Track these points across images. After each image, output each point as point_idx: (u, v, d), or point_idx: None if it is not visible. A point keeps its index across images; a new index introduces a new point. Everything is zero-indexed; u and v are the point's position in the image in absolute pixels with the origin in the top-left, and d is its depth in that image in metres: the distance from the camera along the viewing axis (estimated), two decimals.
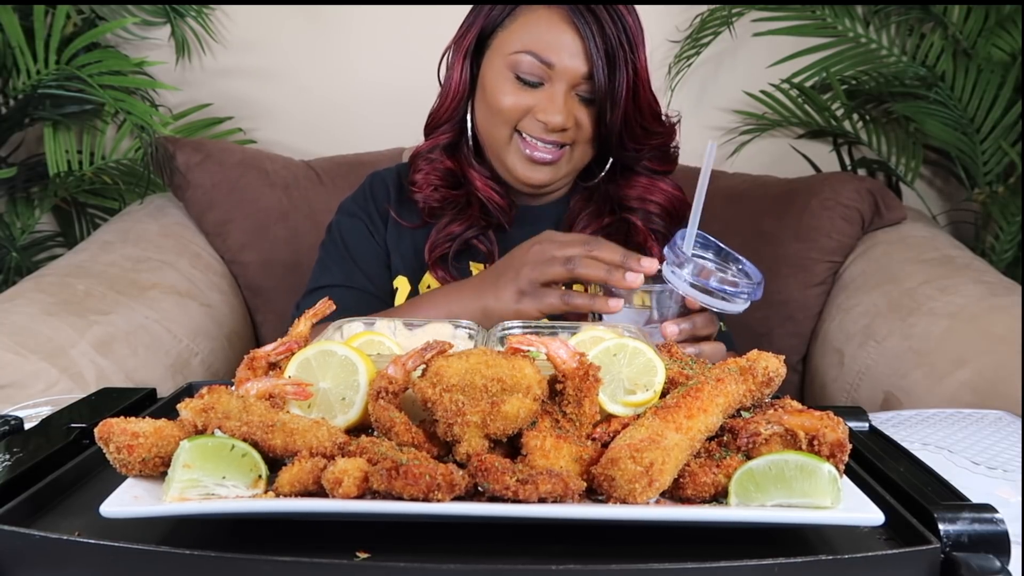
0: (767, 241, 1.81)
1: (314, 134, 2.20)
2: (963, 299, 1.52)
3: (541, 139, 1.21)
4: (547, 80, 1.19)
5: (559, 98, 1.18)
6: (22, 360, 1.35)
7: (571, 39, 1.17)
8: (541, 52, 1.18)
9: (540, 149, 1.22)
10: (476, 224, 1.29)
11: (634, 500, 0.62)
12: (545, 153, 1.22)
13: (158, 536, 0.63)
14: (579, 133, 1.22)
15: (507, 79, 1.21)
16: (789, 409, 0.71)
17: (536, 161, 1.23)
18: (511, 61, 1.20)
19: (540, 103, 1.19)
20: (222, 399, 0.69)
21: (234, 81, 2.21)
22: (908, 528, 0.64)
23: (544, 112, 1.19)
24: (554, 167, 1.24)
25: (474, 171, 1.30)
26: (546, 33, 1.18)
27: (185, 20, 2.13)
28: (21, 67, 2.02)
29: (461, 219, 1.29)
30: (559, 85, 1.19)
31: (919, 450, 0.88)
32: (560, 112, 1.18)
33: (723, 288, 0.98)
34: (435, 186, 1.30)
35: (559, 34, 1.17)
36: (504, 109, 1.21)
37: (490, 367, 0.69)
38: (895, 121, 2.21)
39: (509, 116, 1.21)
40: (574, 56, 1.17)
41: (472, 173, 1.30)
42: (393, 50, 2.19)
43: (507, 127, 1.23)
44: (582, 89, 1.20)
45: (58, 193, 2.17)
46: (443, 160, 1.30)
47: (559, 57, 1.17)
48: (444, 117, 1.30)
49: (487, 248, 1.31)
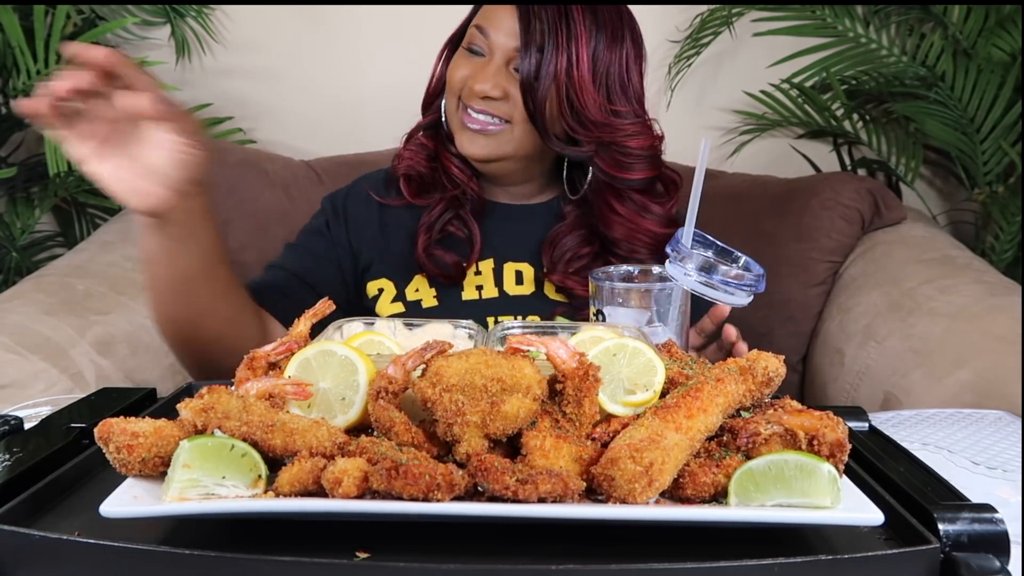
0: (767, 241, 1.81)
1: (314, 134, 2.20)
2: (963, 299, 1.52)
3: (474, 108, 1.26)
4: (487, 52, 1.26)
5: (491, 68, 1.25)
6: (22, 360, 1.36)
7: (511, 17, 1.24)
8: (485, 24, 1.26)
9: (472, 119, 1.27)
10: (452, 205, 1.34)
11: (634, 500, 0.62)
12: (476, 123, 1.27)
13: (158, 536, 0.63)
14: (514, 109, 1.25)
15: (460, 53, 1.30)
16: (789, 409, 0.71)
17: (471, 130, 1.27)
18: (467, 37, 1.29)
19: (474, 70, 1.26)
20: (222, 399, 0.69)
21: (234, 81, 2.21)
22: (908, 528, 0.64)
23: (474, 79, 1.25)
24: (490, 140, 1.27)
25: (445, 150, 1.36)
26: (496, 10, 1.26)
27: (185, 20, 2.13)
28: (21, 67, 2.01)
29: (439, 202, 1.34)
30: (496, 56, 1.25)
31: (919, 450, 0.88)
32: (488, 79, 1.24)
33: (727, 282, 0.99)
34: (417, 159, 1.37)
35: (505, 11, 1.25)
36: (452, 80, 1.29)
37: (490, 367, 0.69)
38: (895, 121, 2.21)
39: (455, 85, 1.28)
40: (510, 32, 1.24)
41: (443, 151, 1.36)
42: (393, 50, 2.19)
43: (454, 97, 1.29)
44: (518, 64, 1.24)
45: (58, 193, 2.17)
46: (426, 140, 1.38)
47: (497, 30, 1.25)
48: (427, 101, 1.39)
49: (466, 234, 1.33)
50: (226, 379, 0.77)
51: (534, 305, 1.32)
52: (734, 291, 0.99)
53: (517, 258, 1.35)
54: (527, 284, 1.33)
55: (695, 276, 0.99)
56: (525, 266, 1.34)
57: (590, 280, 1.07)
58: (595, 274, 1.07)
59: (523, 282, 1.33)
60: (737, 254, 1.04)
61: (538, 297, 1.32)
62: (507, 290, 1.33)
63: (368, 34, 2.19)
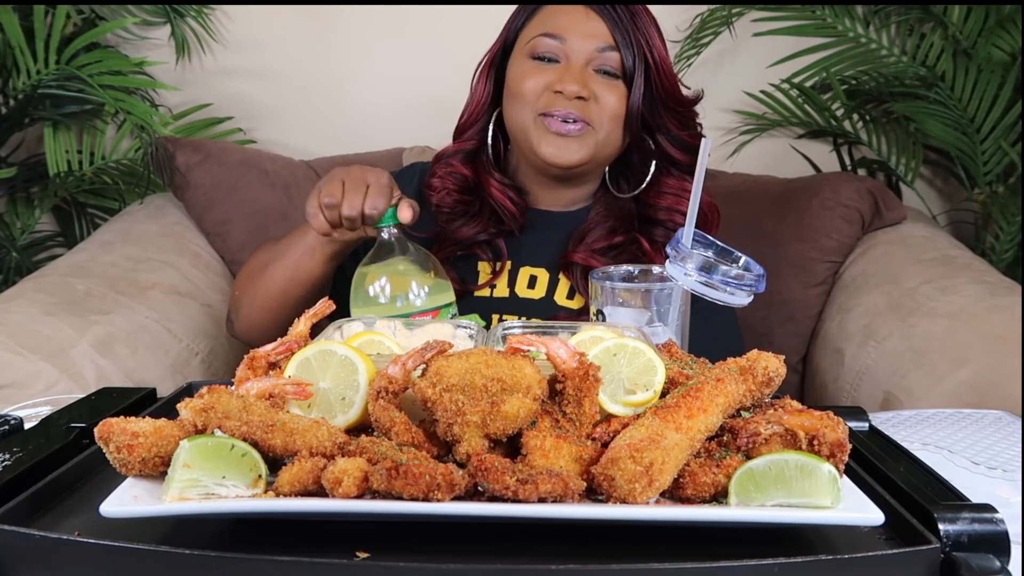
0: (767, 241, 1.81)
1: (314, 134, 2.20)
2: (963, 299, 1.52)
3: (561, 112, 1.23)
4: (563, 57, 1.25)
5: (574, 68, 1.24)
6: (22, 360, 1.35)
7: (585, 16, 1.24)
8: (555, 30, 1.25)
9: (561, 125, 1.24)
10: (486, 230, 1.32)
11: (634, 500, 0.62)
12: (567, 127, 1.24)
13: (158, 536, 0.63)
14: (599, 109, 1.24)
15: (527, 63, 1.27)
16: (789, 409, 0.71)
17: (561, 134, 1.24)
18: (529, 48, 1.26)
19: (557, 75, 1.24)
20: (222, 399, 0.69)
21: (234, 81, 2.20)
22: (908, 528, 0.64)
23: (560, 82, 1.23)
24: (580, 145, 1.25)
25: (491, 178, 1.33)
26: (560, 16, 1.25)
27: (185, 20, 2.13)
28: (21, 67, 2.02)
29: (472, 224, 1.32)
30: (575, 58, 1.24)
31: (919, 450, 0.88)
32: (575, 80, 1.22)
33: (727, 282, 0.99)
34: (449, 190, 1.33)
35: (574, 12, 1.25)
36: (525, 90, 1.25)
37: (490, 367, 0.69)
38: (895, 121, 2.21)
39: (530, 95, 1.25)
40: (587, 32, 1.24)
41: (489, 180, 1.33)
42: (393, 50, 2.19)
43: (530, 110, 1.25)
44: (600, 63, 1.24)
45: (58, 193, 2.17)
46: (460, 167, 1.34)
47: (572, 33, 1.24)
48: (469, 123, 1.35)
49: (493, 254, 1.33)
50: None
51: (540, 309, 1.31)
52: (734, 291, 0.99)
53: (535, 263, 1.34)
54: (539, 288, 1.33)
55: (695, 276, 0.99)
56: (541, 271, 1.33)
57: (590, 280, 1.07)
58: (595, 274, 1.07)
59: (535, 286, 1.33)
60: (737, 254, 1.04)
61: (546, 303, 1.32)
62: (518, 291, 1.32)
63: (368, 34, 2.19)
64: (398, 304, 1.08)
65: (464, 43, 1.36)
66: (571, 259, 1.30)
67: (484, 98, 1.33)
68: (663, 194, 1.32)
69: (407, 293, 1.09)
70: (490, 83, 1.33)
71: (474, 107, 1.34)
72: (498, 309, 1.30)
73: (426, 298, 1.09)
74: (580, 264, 1.29)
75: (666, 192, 1.32)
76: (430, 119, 1.40)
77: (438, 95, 1.41)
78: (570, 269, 1.31)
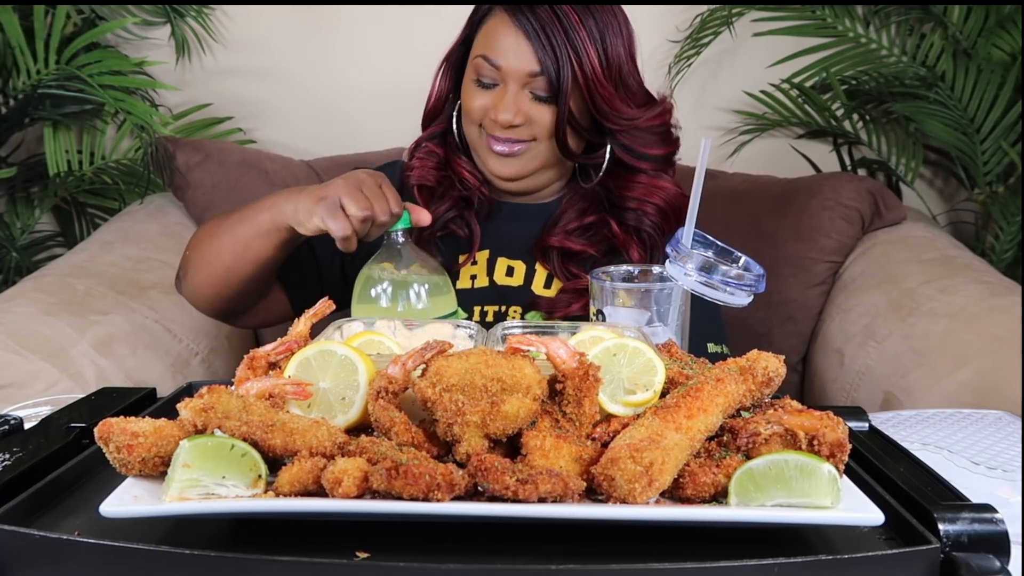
0: (767, 241, 1.81)
1: (314, 134, 2.20)
2: (963, 299, 1.52)
3: (500, 135, 1.29)
4: (500, 81, 1.28)
5: (509, 97, 1.26)
6: (22, 360, 1.36)
7: (515, 40, 1.25)
8: (491, 55, 1.27)
9: (499, 143, 1.30)
10: (456, 206, 1.36)
11: (634, 500, 0.62)
12: (503, 146, 1.30)
13: (158, 536, 0.63)
14: (537, 129, 1.28)
15: (471, 83, 1.31)
16: (789, 409, 0.71)
17: (499, 154, 1.30)
18: (473, 66, 1.30)
19: (493, 102, 1.28)
20: (222, 399, 0.69)
21: (234, 81, 2.20)
22: (908, 528, 0.64)
23: (495, 110, 1.27)
24: (519, 160, 1.31)
25: (457, 157, 1.38)
26: (497, 38, 1.27)
27: (185, 20, 2.13)
28: (21, 67, 2.02)
29: (445, 200, 1.36)
30: (510, 85, 1.27)
31: (919, 450, 0.88)
32: (508, 110, 1.26)
33: (727, 282, 0.99)
34: (427, 167, 1.38)
35: (506, 37, 1.26)
36: (469, 110, 1.31)
37: (490, 367, 0.69)
38: (895, 121, 2.21)
39: (475, 115, 1.30)
40: (518, 57, 1.25)
41: (455, 158, 1.38)
42: (393, 50, 2.19)
43: (475, 126, 1.32)
44: (533, 87, 1.26)
45: (58, 193, 2.17)
46: (435, 148, 1.39)
47: (505, 58, 1.26)
48: (432, 114, 1.41)
49: (467, 233, 1.36)
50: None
51: (519, 295, 1.34)
52: (734, 291, 0.99)
53: (512, 255, 1.37)
54: (516, 278, 1.36)
55: (695, 276, 0.99)
56: (518, 263, 1.36)
57: (590, 280, 1.07)
58: (595, 274, 1.07)
59: (513, 275, 1.36)
60: (737, 254, 1.04)
61: (524, 290, 1.35)
62: (496, 279, 1.36)
63: (369, 34, 2.19)
64: (400, 309, 1.08)
65: None
66: (547, 243, 1.33)
67: (443, 94, 1.38)
68: (632, 186, 1.34)
69: (412, 300, 1.09)
70: (448, 80, 1.37)
71: (433, 102, 1.39)
72: (481, 300, 1.33)
73: (430, 306, 1.09)
74: (556, 247, 1.33)
75: (635, 184, 1.34)
76: None
77: None
78: (546, 255, 1.34)
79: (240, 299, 1.29)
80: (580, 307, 1.28)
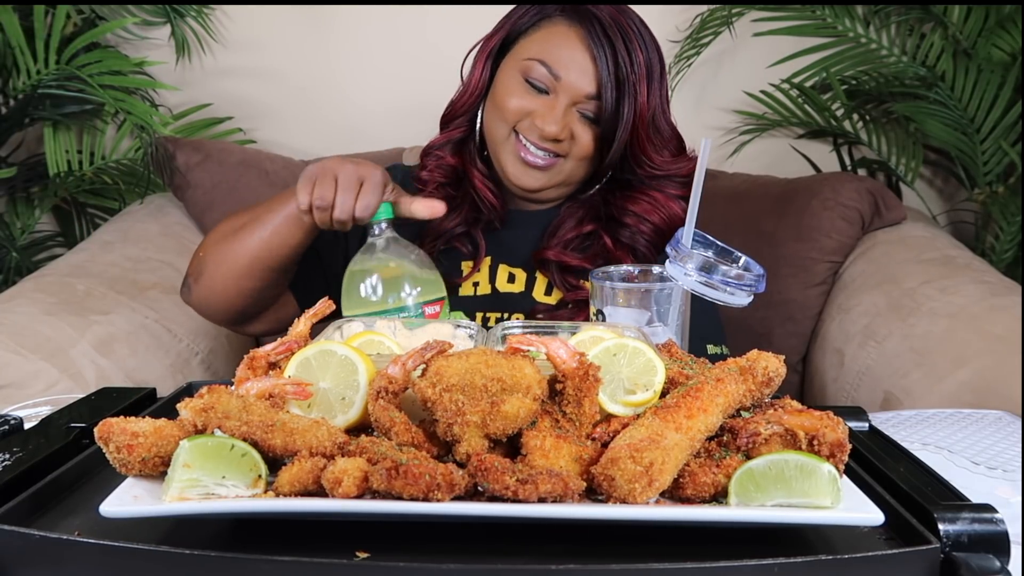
0: (767, 241, 1.81)
1: (314, 134, 2.20)
2: (963, 299, 1.52)
3: (535, 144, 1.25)
4: (552, 90, 1.24)
5: (559, 109, 1.23)
6: (22, 360, 1.36)
7: (583, 58, 1.22)
8: (552, 63, 1.23)
9: (532, 154, 1.26)
10: (465, 222, 1.33)
11: (634, 500, 0.62)
12: (536, 158, 1.26)
13: (158, 536, 0.63)
14: (574, 148, 1.26)
15: (517, 81, 1.26)
16: (789, 409, 0.71)
17: (527, 164, 1.27)
18: (524, 66, 1.25)
19: (540, 109, 1.24)
20: (222, 399, 0.69)
21: (234, 81, 2.21)
22: (908, 528, 0.64)
23: (542, 119, 1.23)
24: (545, 174, 1.28)
25: (475, 169, 1.34)
26: (562, 48, 1.23)
27: (185, 20, 2.13)
28: (21, 67, 2.02)
29: (454, 216, 1.33)
30: (562, 97, 1.23)
31: (919, 450, 0.88)
32: (557, 123, 1.23)
33: (727, 282, 0.99)
34: (438, 183, 1.34)
35: (573, 51, 1.23)
36: (508, 108, 1.26)
37: (490, 367, 0.69)
38: (895, 121, 2.21)
39: (511, 115, 1.26)
40: (582, 75, 1.22)
41: (473, 170, 1.34)
42: (393, 50, 2.19)
43: (507, 126, 1.27)
44: (584, 107, 1.24)
45: (58, 193, 2.17)
46: (448, 157, 1.35)
47: (568, 72, 1.23)
48: (460, 111, 1.34)
49: (471, 250, 1.34)
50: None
51: (520, 303, 1.33)
52: (734, 291, 0.99)
53: (513, 262, 1.36)
54: (518, 284, 1.35)
55: (695, 276, 0.99)
56: (518, 271, 1.35)
57: (590, 280, 1.07)
58: (595, 274, 1.07)
59: (514, 282, 1.35)
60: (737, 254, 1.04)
61: (526, 297, 1.34)
62: (498, 287, 1.34)
63: (369, 34, 2.19)
64: (390, 301, 1.08)
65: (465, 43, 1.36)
66: (544, 256, 1.32)
67: (479, 87, 1.32)
68: (637, 201, 1.31)
69: (399, 290, 1.09)
70: (486, 74, 1.31)
71: (467, 95, 1.33)
72: (483, 306, 1.32)
73: (418, 294, 1.09)
74: (553, 260, 1.31)
75: (641, 200, 1.31)
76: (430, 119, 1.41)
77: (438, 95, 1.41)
78: (545, 266, 1.32)
79: (260, 295, 1.26)
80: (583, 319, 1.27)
